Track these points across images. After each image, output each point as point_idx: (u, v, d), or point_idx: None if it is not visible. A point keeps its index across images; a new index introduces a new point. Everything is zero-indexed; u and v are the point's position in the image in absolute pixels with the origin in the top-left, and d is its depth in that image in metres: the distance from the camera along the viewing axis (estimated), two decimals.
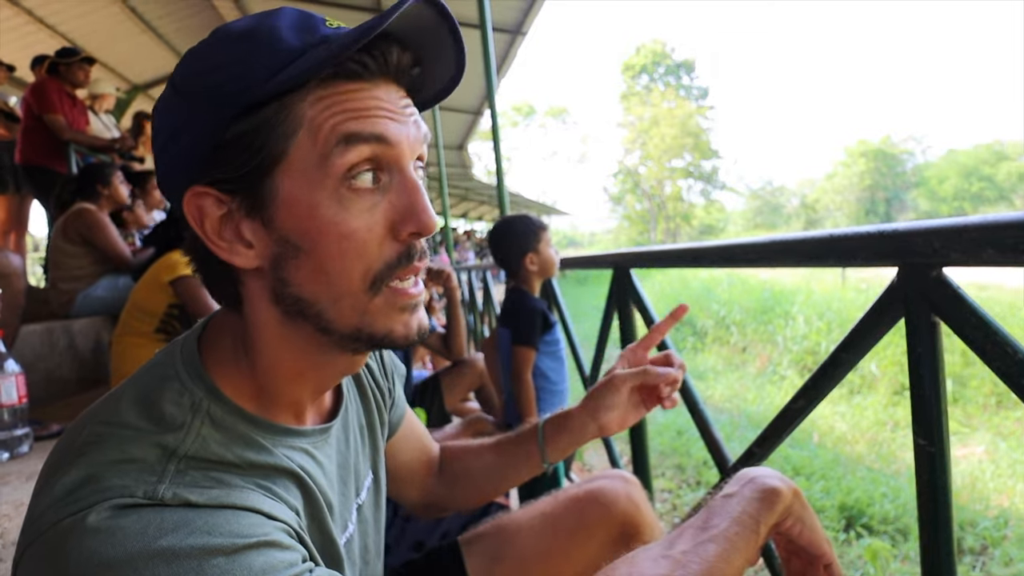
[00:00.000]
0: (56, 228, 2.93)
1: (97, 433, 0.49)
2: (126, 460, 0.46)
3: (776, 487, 0.63)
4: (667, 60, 52.94)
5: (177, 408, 0.51)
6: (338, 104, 0.51)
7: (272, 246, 0.53)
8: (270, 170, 0.52)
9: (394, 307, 0.55)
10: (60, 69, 3.94)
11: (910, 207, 44.61)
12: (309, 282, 0.53)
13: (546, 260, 2.08)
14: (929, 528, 0.75)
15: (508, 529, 0.97)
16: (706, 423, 1.36)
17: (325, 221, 0.51)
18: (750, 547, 0.60)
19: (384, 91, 0.54)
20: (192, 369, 0.55)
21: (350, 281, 0.53)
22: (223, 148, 0.51)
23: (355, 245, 0.52)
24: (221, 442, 0.51)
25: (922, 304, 0.74)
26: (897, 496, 3.72)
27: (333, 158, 0.50)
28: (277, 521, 0.49)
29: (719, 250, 1.15)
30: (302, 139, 0.51)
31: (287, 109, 0.51)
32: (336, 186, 0.51)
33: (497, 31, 6.57)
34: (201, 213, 0.53)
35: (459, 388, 2.52)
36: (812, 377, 0.95)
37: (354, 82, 0.52)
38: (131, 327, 2.23)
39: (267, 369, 0.57)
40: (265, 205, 0.52)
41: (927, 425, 0.74)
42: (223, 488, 0.48)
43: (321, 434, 0.62)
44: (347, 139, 0.51)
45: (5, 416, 1.64)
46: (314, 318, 0.54)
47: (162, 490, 0.45)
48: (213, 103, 0.51)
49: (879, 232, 0.76)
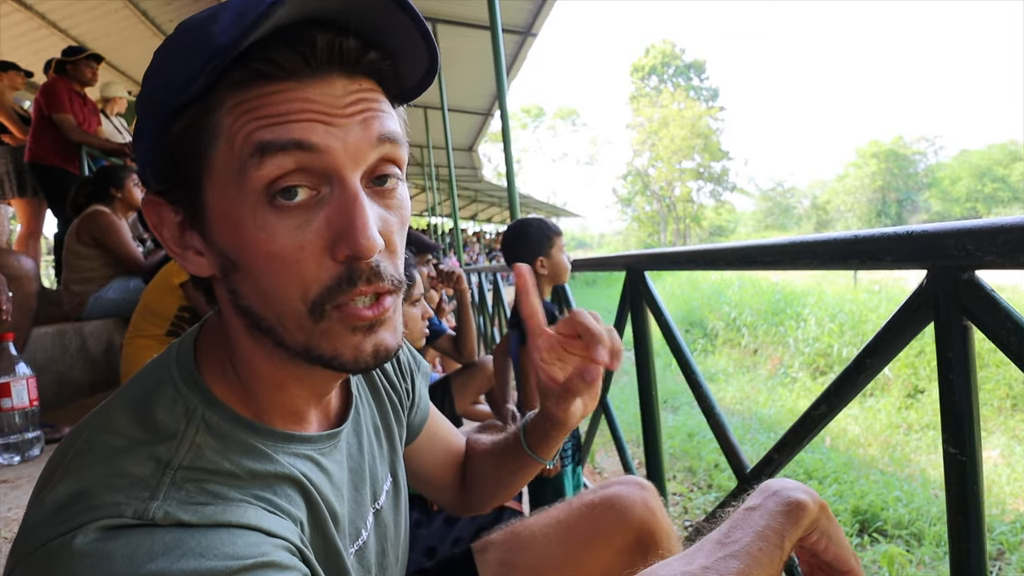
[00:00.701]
0: (70, 231, 2.95)
1: (89, 442, 0.47)
2: (118, 474, 0.44)
3: (802, 500, 0.60)
4: (677, 61, 52.87)
5: (171, 415, 0.49)
6: (255, 110, 0.46)
7: (216, 258, 0.50)
8: (199, 182, 0.48)
9: (344, 328, 0.49)
10: (68, 68, 3.96)
11: (922, 208, 44.23)
12: (254, 296, 0.49)
13: (557, 265, 2.06)
14: (961, 539, 0.72)
15: (522, 536, 0.95)
16: (722, 428, 1.33)
17: (249, 239, 0.47)
18: (774, 563, 0.57)
19: (319, 89, 0.47)
20: (187, 374, 0.53)
21: (288, 302, 0.48)
22: (162, 157, 0.49)
23: (284, 266, 0.47)
24: (217, 450, 0.49)
25: (953, 307, 0.71)
26: (911, 500, 3.68)
27: (249, 171, 0.45)
28: (277, 538, 0.47)
29: (737, 252, 1.13)
30: (221, 150, 0.47)
31: (204, 117, 0.47)
32: (256, 201, 0.46)
33: (507, 32, 6.56)
34: (160, 220, 0.51)
35: (470, 391, 2.50)
36: (835, 383, 0.93)
37: (274, 83, 0.46)
38: (142, 329, 2.24)
39: (252, 377, 0.54)
40: (202, 218, 0.49)
41: (958, 433, 0.72)
42: (219, 504, 0.46)
43: (329, 440, 0.60)
44: (261, 149, 0.45)
45: (16, 419, 1.64)
46: (268, 332, 0.50)
47: (153, 509, 0.42)
48: (151, 109, 0.48)
49: (908, 233, 0.74)
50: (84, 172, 4.00)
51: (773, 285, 12.20)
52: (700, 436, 4.87)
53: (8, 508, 1.28)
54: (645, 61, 53.51)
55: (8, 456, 1.64)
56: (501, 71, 3.83)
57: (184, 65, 0.46)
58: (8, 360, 1.64)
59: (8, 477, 1.52)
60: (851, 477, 4.14)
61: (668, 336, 1.57)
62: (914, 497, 3.75)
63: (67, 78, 3.94)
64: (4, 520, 1.21)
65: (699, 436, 4.88)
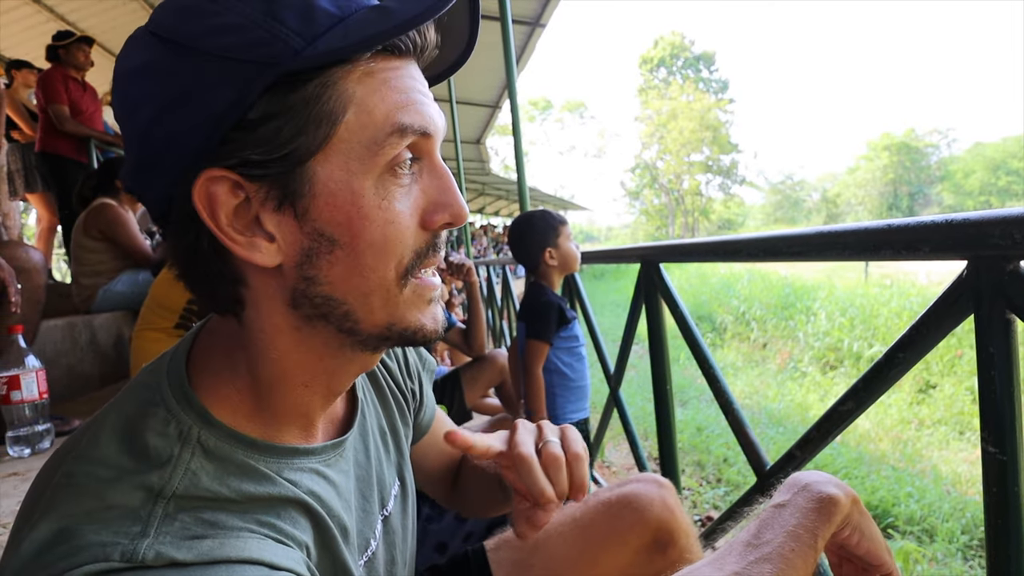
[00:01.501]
0: (77, 224, 2.95)
1: (72, 474, 0.43)
2: (104, 507, 0.40)
3: (833, 495, 0.57)
4: (686, 53, 52.52)
5: (163, 439, 0.45)
6: (386, 85, 0.47)
7: (302, 240, 0.46)
8: (308, 155, 0.45)
9: (422, 299, 0.52)
10: (60, 53, 3.96)
11: (934, 202, 43.85)
12: (341, 279, 0.48)
13: (566, 255, 2.05)
14: (1000, 541, 0.69)
15: (537, 535, 0.93)
16: (740, 423, 1.30)
17: (370, 208, 0.47)
18: (808, 564, 0.55)
19: (415, 70, 0.50)
20: (179, 391, 0.48)
21: (384, 273, 0.48)
22: (250, 127, 0.43)
23: (395, 234, 0.48)
24: (214, 475, 0.45)
25: (996, 300, 0.68)
26: (923, 496, 3.65)
27: (385, 148, 0.46)
28: (281, 571, 0.44)
29: (760, 242, 1.09)
30: (350, 121, 0.46)
31: (332, 86, 0.45)
32: (381, 173, 0.47)
33: (516, 23, 6.51)
34: (214, 202, 0.45)
35: (479, 384, 2.49)
36: (863, 378, 0.90)
37: (396, 59, 0.48)
38: (151, 322, 2.23)
39: (273, 380, 0.51)
40: (300, 194, 0.45)
41: (998, 431, 0.68)
42: (217, 537, 0.42)
43: (334, 449, 0.57)
44: (401, 130, 0.47)
45: (26, 412, 1.64)
46: (339, 319, 0.49)
47: (143, 548, 0.39)
48: (236, 71, 0.42)
49: (947, 222, 0.70)
50: (93, 162, 4.01)
51: (783, 279, 12.13)
52: (709, 430, 4.85)
53: (19, 501, 1.27)
54: (654, 53, 53.18)
55: (19, 449, 1.63)
56: (511, 62, 3.79)
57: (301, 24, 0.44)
58: (17, 353, 1.63)
59: (19, 470, 1.51)
60: (862, 473, 4.11)
61: (684, 329, 1.54)
62: (926, 493, 3.72)
63: (62, 64, 3.93)
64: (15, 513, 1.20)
65: (708, 430, 4.86)
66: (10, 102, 4.55)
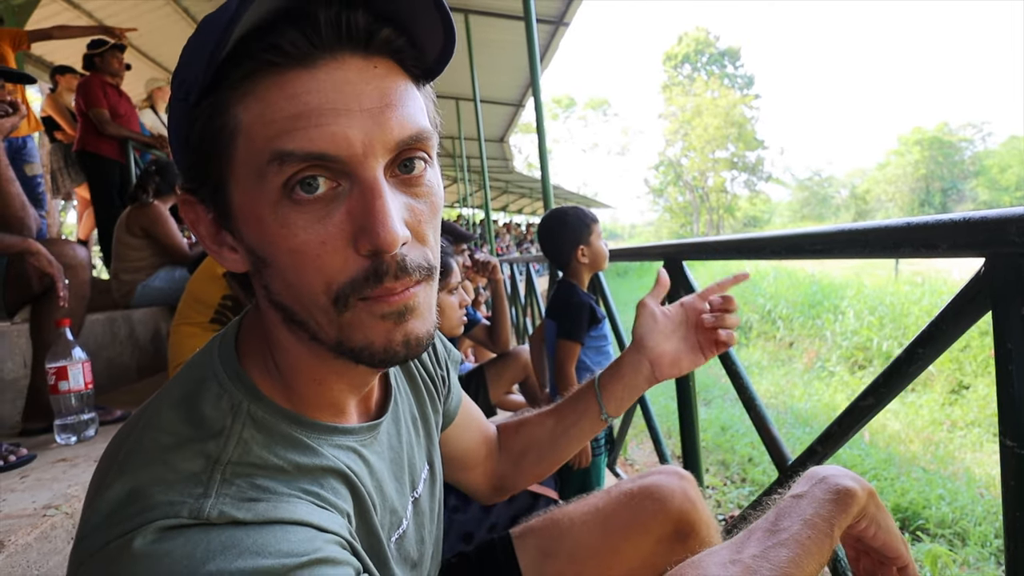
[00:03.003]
0: (120, 222, 3.05)
1: (140, 442, 0.47)
2: (170, 471, 0.45)
3: (850, 487, 0.59)
4: (711, 49, 51.87)
5: (217, 411, 0.49)
6: (270, 107, 0.44)
7: (246, 255, 0.50)
8: (224, 181, 0.47)
9: (371, 316, 0.47)
10: (96, 61, 4.10)
11: (968, 198, 42.63)
12: (283, 292, 0.49)
13: (597, 253, 2.04)
14: (1019, 535, 0.70)
15: (560, 524, 0.95)
16: (763, 419, 1.32)
17: (272, 235, 0.46)
18: (823, 552, 0.57)
19: (331, 74, 0.44)
20: (230, 369, 0.52)
21: (314, 297, 0.47)
22: (189, 156, 0.48)
23: (306, 261, 0.46)
24: (264, 445, 0.49)
25: (1013, 297, 0.69)
26: (955, 499, 3.58)
27: (268, 176, 0.44)
28: (328, 533, 0.47)
29: (783, 240, 1.10)
30: (240, 150, 0.45)
31: (221, 115, 0.45)
32: (276, 199, 0.45)
33: (540, 22, 6.52)
34: (196, 218, 0.51)
35: (504, 380, 2.51)
36: (884, 374, 0.91)
37: (282, 71, 0.44)
38: (187, 317, 2.30)
39: (292, 371, 0.54)
40: (230, 217, 0.49)
41: (1016, 426, 0.70)
42: (270, 500, 0.45)
43: (370, 431, 0.60)
44: (280, 158, 0.43)
45: (73, 401, 1.71)
46: (302, 325, 0.50)
47: (208, 507, 0.42)
48: (175, 107, 0.48)
49: (964, 220, 0.72)
50: (130, 163, 4.14)
51: (810, 277, 11.93)
52: (733, 430, 4.81)
53: (68, 485, 1.34)
54: (678, 49, 52.62)
55: (65, 436, 1.71)
56: (535, 62, 3.81)
57: (197, 57, 0.44)
58: (65, 345, 1.70)
59: (67, 456, 1.58)
60: (891, 474, 4.04)
61: None
62: (958, 496, 3.64)
63: (98, 72, 4.07)
64: (65, 496, 1.27)
65: (732, 430, 4.82)
66: (55, 105, 4.74)
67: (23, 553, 1.06)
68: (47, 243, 1.77)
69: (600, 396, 0.87)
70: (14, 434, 1.86)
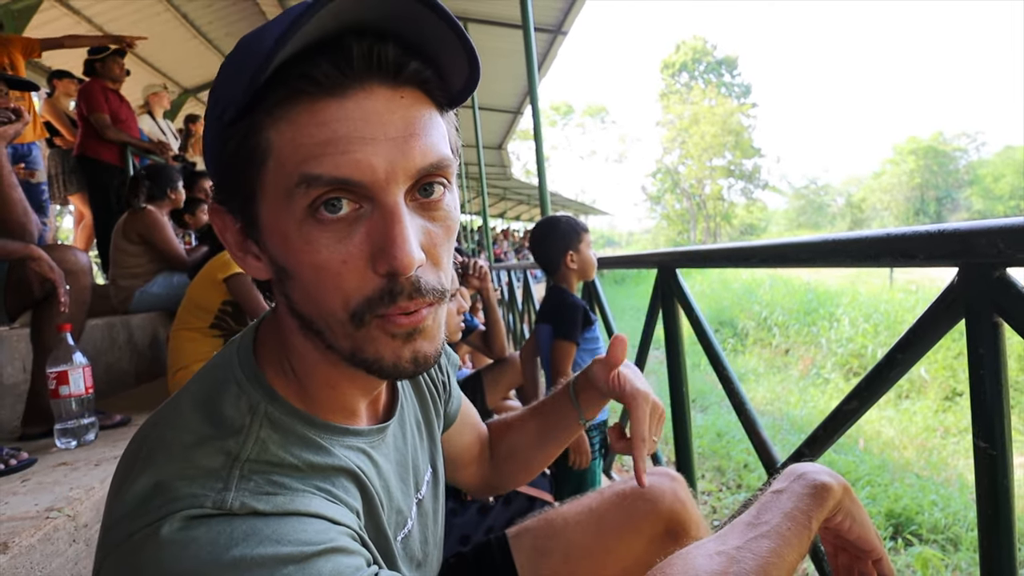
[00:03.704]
0: (117, 228, 3.07)
1: (162, 439, 0.50)
2: (192, 467, 0.47)
3: (826, 482, 0.63)
4: (708, 57, 52.15)
5: (236, 411, 0.52)
6: (300, 132, 0.46)
7: (270, 265, 0.53)
8: (253, 196, 0.50)
9: (384, 334, 0.50)
10: (97, 67, 4.13)
11: (963, 207, 42.83)
12: (303, 303, 0.52)
13: (586, 260, 2.09)
14: (990, 533, 0.74)
15: (555, 524, 0.98)
16: (753, 423, 1.35)
17: (296, 251, 0.49)
18: (802, 543, 0.60)
19: (360, 103, 0.46)
20: (248, 371, 0.55)
21: (333, 311, 0.50)
22: (221, 170, 0.52)
23: (327, 277, 0.48)
24: (280, 444, 0.51)
25: (984, 304, 0.73)
26: (947, 504, 3.60)
27: (296, 197, 0.47)
28: (341, 526, 0.50)
29: (770, 249, 1.14)
30: (271, 169, 0.48)
31: (254, 135, 0.48)
32: (302, 217, 0.48)
33: (538, 31, 6.58)
34: (223, 225, 0.54)
35: (501, 386, 2.53)
36: (866, 378, 0.94)
37: (314, 99, 0.46)
38: (187, 322, 2.33)
39: (306, 375, 0.57)
40: (257, 228, 0.52)
41: (988, 427, 0.73)
42: (286, 494, 0.48)
43: (378, 434, 0.62)
44: (308, 181, 0.46)
45: (73, 406, 1.73)
46: (319, 335, 0.52)
47: (230, 499, 0.45)
48: (210, 123, 0.51)
49: (939, 231, 0.75)
50: (130, 168, 4.17)
51: (805, 284, 11.98)
52: (729, 436, 4.83)
53: (69, 488, 1.36)
54: (676, 57, 52.89)
55: (65, 441, 1.72)
56: (533, 70, 3.85)
57: (234, 79, 0.47)
58: (66, 350, 1.72)
59: (67, 460, 1.60)
60: (885, 480, 4.07)
61: (700, 333, 1.59)
62: (951, 501, 3.67)
63: (100, 77, 4.10)
64: (67, 499, 1.28)
65: (728, 436, 4.84)
66: (53, 110, 4.76)
67: (27, 555, 1.08)
68: (48, 249, 1.80)
69: (576, 401, 0.90)
70: (14, 438, 1.88)
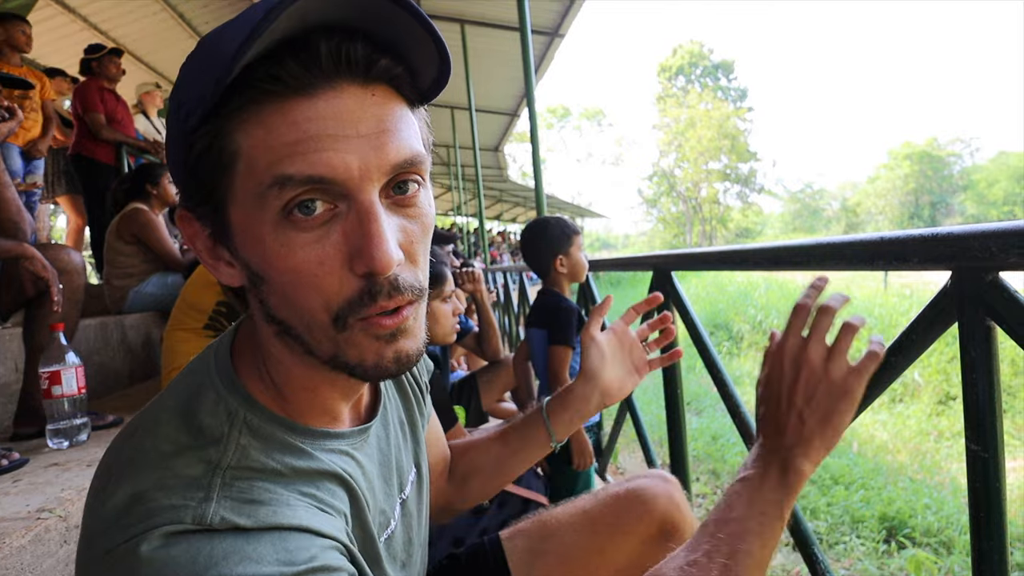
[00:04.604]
0: (110, 228, 3.06)
1: (140, 449, 0.49)
2: (171, 476, 0.46)
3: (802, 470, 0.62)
4: (705, 61, 52.36)
5: (214, 419, 0.51)
6: (268, 132, 0.45)
7: (244, 271, 0.51)
8: (223, 201, 0.49)
9: (366, 336, 0.49)
10: (93, 66, 4.12)
11: (957, 211, 43.09)
12: (281, 308, 0.50)
13: (576, 263, 2.08)
14: (983, 534, 0.74)
15: (549, 525, 0.97)
16: (747, 425, 1.35)
17: (271, 255, 0.47)
18: (776, 533, 0.61)
19: (330, 102, 0.45)
20: (225, 377, 0.54)
21: (312, 314, 0.49)
22: (187, 176, 0.49)
23: (305, 280, 0.47)
24: (261, 450, 0.50)
25: (977, 308, 0.73)
26: (941, 508, 3.62)
27: (268, 199, 0.45)
28: (326, 538, 0.49)
29: (765, 252, 1.14)
30: (240, 173, 0.47)
31: (221, 138, 0.46)
32: (276, 220, 0.46)
33: (535, 33, 6.59)
34: (193, 233, 0.52)
35: (495, 388, 2.54)
36: None
37: (282, 99, 0.45)
38: (181, 323, 2.31)
39: (285, 380, 0.55)
40: (228, 234, 0.50)
41: (980, 430, 0.73)
42: (270, 504, 0.47)
43: (360, 435, 0.61)
44: (280, 182, 0.45)
45: (65, 406, 1.72)
46: (298, 339, 0.51)
47: (210, 513, 0.44)
48: (173, 128, 0.49)
49: (933, 235, 0.75)
50: (125, 167, 4.16)
51: (800, 287, 12.00)
52: (724, 439, 4.84)
53: (61, 489, 1.35)
54: (672, 61, 53.10)
55: (58, 441, 1.71)
56: (530, 73, 3.86)
57: (197, 82, 0.45)
58: (59, 349, 1.71)
59: (59, 461, 1.59)
60: (879, 483, 4.08)
61: (695, 336, 1.59)
62: (944, 505, 3.68)
63: (96, 77, 4.09)
64: (59, 500, 1.28)
65: (723, 439, 4.85)
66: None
67: (17, 555, 1.07)
68: (42, 248, 1.79)
69: (549, 424, 0.89)
70: (5, 438, 1.86)
